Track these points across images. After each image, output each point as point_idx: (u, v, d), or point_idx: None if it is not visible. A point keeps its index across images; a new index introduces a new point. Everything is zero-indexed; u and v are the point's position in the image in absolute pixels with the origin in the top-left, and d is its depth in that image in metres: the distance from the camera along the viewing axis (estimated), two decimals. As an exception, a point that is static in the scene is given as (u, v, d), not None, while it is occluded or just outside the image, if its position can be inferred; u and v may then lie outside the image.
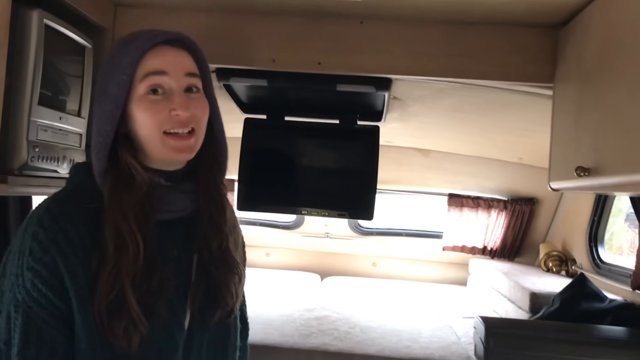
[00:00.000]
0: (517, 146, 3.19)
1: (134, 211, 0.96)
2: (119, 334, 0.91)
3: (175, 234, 1.05)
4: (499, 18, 1.73)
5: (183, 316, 1.04)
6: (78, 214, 0.95)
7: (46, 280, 0.90)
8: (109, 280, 0.92)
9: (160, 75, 0.98)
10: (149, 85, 0.98)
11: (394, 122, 2.76)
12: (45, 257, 0.90)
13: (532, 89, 1.91)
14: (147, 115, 0.98)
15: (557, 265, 3.44)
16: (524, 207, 3.90)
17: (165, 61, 0.99)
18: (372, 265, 4.50)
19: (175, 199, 1.05)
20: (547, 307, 2.41)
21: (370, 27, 1.80)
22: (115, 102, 0.98)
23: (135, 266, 0.94)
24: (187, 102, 0.99)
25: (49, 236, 0.91)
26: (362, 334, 2.38)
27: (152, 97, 0.98)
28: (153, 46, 0.99)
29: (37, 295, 0.89)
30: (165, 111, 0.98)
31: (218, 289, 1.07)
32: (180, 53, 1.02)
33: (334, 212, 2.37)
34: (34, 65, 1.37)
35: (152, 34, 1.00)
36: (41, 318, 0.89)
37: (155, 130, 0.98)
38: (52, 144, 1.50)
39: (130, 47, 0.99)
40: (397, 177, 3.84)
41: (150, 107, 0.98)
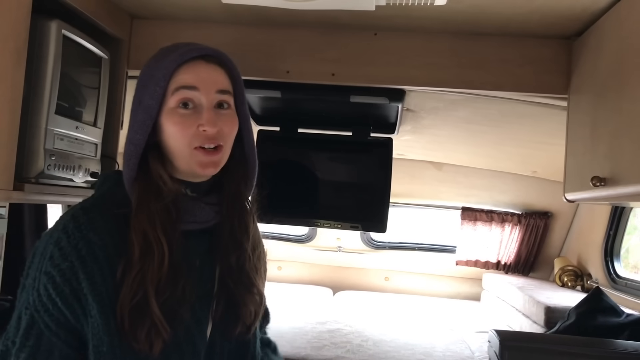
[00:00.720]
0: (531, 159, 3.17)
1: (161, 218, 0.97)
2: (142, 339, 0.92)
3: (198, 244, 1.06)
4: (512, 29, 1.74)
5: (205, 325, 1.04)
6: (104, 223, 0.96)
7: (58, 286, 0.90)
8: (133, 285, 0.92)
9: (191, 90, 0.99)
10: (179, 99, 0.99)
11: (407, 135, 2.76)
12: (63, 264, 0.91)
13: (546, 100, 1.91)
14: (176, 129, 0.99)
15: (572, 280, 3.39)
16: (538, 221, 3.86)
17: (197, 76, 0.99)
18: (384, 280, 4.48)
19: (200, 210, 1.05)
20: (562, 321, 2.37)
21: (383, 38, 1.81)
22: (148, 113, 0.99)
23: (159, 272, 0.94)
24: (215, 118, 0.99)
25: (71, 243, 0.92)
26: (375, 347, 2.36)
27: (182, 110, 0.99)
28: (187, 60, 1.00)
29: (46, 300, 0.90)
30: (194, 126, 0.99)
31: (238, 306, 1.07)
32: (214, 69, 1.02)
33: (347, 224, 2.36)
34: (51, 75, 1.40)
35: (188, 47, 1.01)
36: (44, 322, 0.90)
37: (185, 145, 0.99)
38: (68, 153, 1.51)
39: (166, 59, 1.00)
40: (410, 190, 3.83)
41: (180, 121, 0.99)
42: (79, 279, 0.91)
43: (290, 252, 4.53)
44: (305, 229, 4.46)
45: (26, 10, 1.30)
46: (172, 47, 1.04)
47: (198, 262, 1.04)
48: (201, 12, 1.79)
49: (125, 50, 1.83)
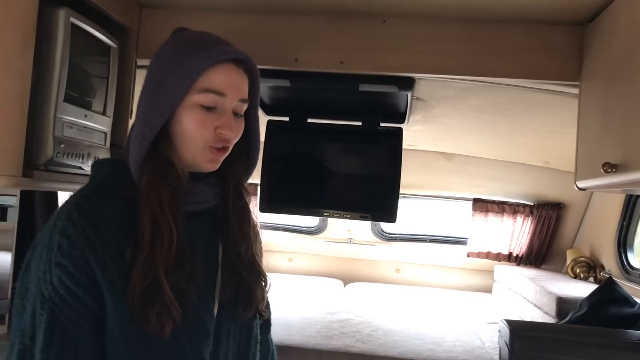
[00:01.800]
0: (543, 149, 3.14)
1: (169, 202, 0.98)
2: (153, 320, 0.92)
3: (200, 225, 1.07)
4: (523, 16, 1.71)
5: (212, 305, 1.05)
6: (107, 208, 0.96)
7: (73, 275, 0.90)
8: (143, 267, 0.92)
9: (219, 95, 1.00)
10: (207, 101, 1.00)
11: (417, 124, 2.74)
12: (73, 252, 0.90)
13: (558, 88, 1.88)
14: (195, 127, 1.00)
15: (584, 272, 3.37)
16: (550, 213, 3.83)
17: (228, 82, 1.00)
18: (395, 272, 4.47)
19: (200, 191, 1.06)
20: (574, 311, 2.36)
21: (392, 25, 1.80)
22: (171, 101, 0.99)
23: (169, 254, 0.95)
24: (233, 125, 1.02)
25: (77, 230, 0.91)
26: (385, 337, 2.35)
27: (204, 110, 1.00)
28: (222, 61, 1.00)
29: (63, 292, 0.89)
30: (212, 127, 1.00)
31: (250, 291, 1.10)
32: (242, 76, 1.04)
33: (357, 214, 2.35)
34: (60, 63, 1.40)
35: (224, 47, 1.01)
36: (66, 315, 0.89)
37: (200, 142, 1.01)
38: (77, 141, 1.51)
39: (200, 53, 0.99)
40: (421, 181, 3.81)
41: (201, 119, 1.00)
42: (91, 265, 0.91)
43: (301, 244, 4.53)
44: (316, 221, 4.46)
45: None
46: (205, 40, 1.03)
47: (201, 242, 1.06)
48: (209, 0, 1.78)
49: (134, 39, 1.83)
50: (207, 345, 1.02)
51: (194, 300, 0.98)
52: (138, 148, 1.00)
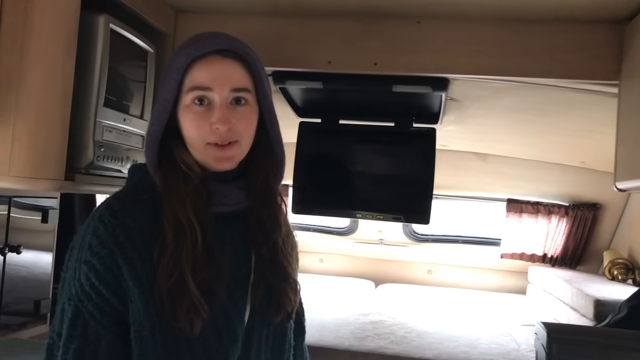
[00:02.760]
0: (579, 149, 3.08)
1: (191, 200, 0.98)
2: (182, 318, 0.93)
3: (232, 227, 1.07)
4: (560, 14, 1.69)
5: (243, 308, 1.05)
6: (138, 210, 0.98)
7: (99, 273, 0.92)
8: (168, 266, 0.94)
9: (204, 90, 0.99)
10: (193, 98, 1.00)
11: (451, 125, 2.72)
12: (102, 251, 0.92)
13: (596, 87, 1.85)
14: (191, 126, 1.00)
15: (623, 274, 3.30)
16: (586, 213, 3.76)
17: (211, 75, 0.99)
18: (427, 273, 4.44)
19: (229, 192, 1.06)
20: (613, 314, 2.31)
21: (427, 26, 1.79)
22: (164, 105, 1.02)
23: (194, 253, 0.96)
24: (228, 117, 0.99)
25: (108, 230, 0.93)
26: (419, 339, 2.34)
27: (196, 107, 1.00)
28: (202, 55, 1.00)
29: (88, 289, 0.92)
30: (208, 124, 0.99)
31: (278, 294, 1.08)
32: (231, 65, 1.02)
33: (389, 215, 2.35)
34: (100, 68, 1.43)
35: (203, 42, 1.01)
36: (89, 312, 0.92)
37: (199, 141, 1.01)
38: (117, 145, 1.55)
39: (182, 53, 1.01)
40: (454, 182, 3.78)
41: (195, 118, 1.00)
42: (118, 264, 0.93)
43: (331, 245, 4.53)
44: (347, 222, 4.46)
45: (76, 5, 1.34)
46: (192, 39, 1.04)
47: (232, 244, 1.05)
48: (243, 5, 1.80)
49: (170, 44, 1.86)
50: (234, 349, 1.01)
51: (222, 301, 0.99)
52: (147, 155, 1.04)
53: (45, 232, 1.97)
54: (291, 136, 2.36)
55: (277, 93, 2.22)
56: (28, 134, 1.24)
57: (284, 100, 2.31)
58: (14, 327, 1.81)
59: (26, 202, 1.86)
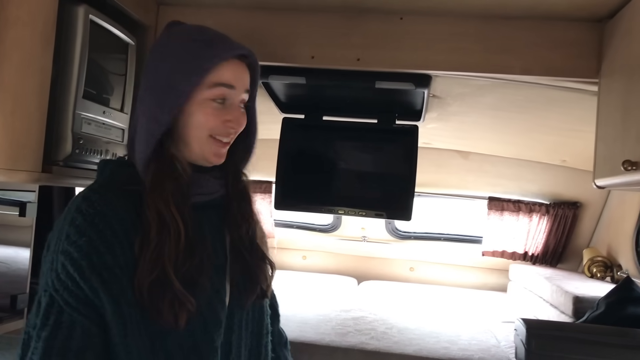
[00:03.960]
0: (560, 147, 3.11)
1: (174, 197, 1.00)
2: (165, 312, 0.94)
3: (208, 216, 1.10)
4: (541, 12, 1.70)
5: (224, 294, 1.08)
6: (117, 199, 0.99)
7: (75, 261, 0.91)
8: (151, 261, 0.95)
9: (229, 88, 1.04)
10: (217, 95, 1.04)
11: (433, 122, 2.73)
12: (80, 240, 0.92)
13: (576, 85, 1.87)
14: (206, 120, 1.04)
15: (601, 271, 3.34)
16: (567, 212, 3.80)
17: (236, 76, 1.05)
18: (409, 270, 4.45)
19: (205, 182, 1.10)
20: (591, 311, 2.34)
21: (410, 22, 1.79)
22: (182, 97, 1.02)
23: (177, 248, 0.97)
24: (242, 119, 1.08)
25: (87, 220, 0.94)
26: (400, 335, 2.35)
27: (215, 104, 1.04)
28: (230, 57, 1.04)
29: (64, 278, 0.91)
30: (221, 120, 1.05)
31: (254, 273, 1.14)
32: (245, 69, 1.09)
33: (372, 212, 2.34)
34: (79, 59, 1.41)
35: (229, 44, 1.06)
36: (64, 299, 0.91)
37: (205, 133, 1.05)
38: (96, 137, 1.53)
39: (208, 50, 1.03)
40: (436, 179, 3.79)
41: (212, 112, 1.04)
42: (99, 252, 0.92)
43: (315, 242, 4.54)
44: (330, 219, 4.46)
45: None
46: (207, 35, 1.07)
47: (210, 235, 1.09)
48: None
49: (152, 36, 1.84)
50: (219, 334, 1.04)
51: (206, 290, 1.01)
52: (145, 144, 1.02)
53: (23, 227, 1.94)
54: (274, 132, 2.35)
55: (260, 88, 2.21)
56: (3, 124, 1.22)
57: (267, 95, 2.30)
58: (-9, 322, 1.78)
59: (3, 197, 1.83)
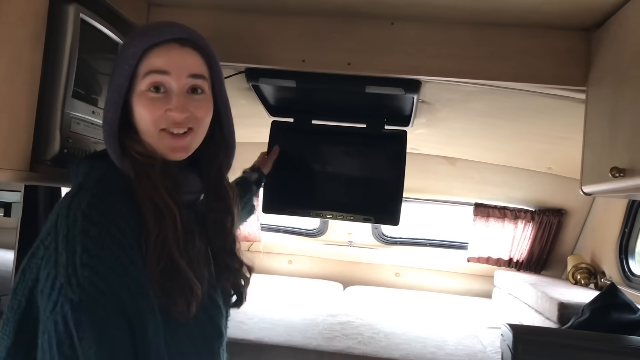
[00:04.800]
0: (546, 155, 3.14)
1: (163, 183, 0.98)
2: (178, 300, 0.93)
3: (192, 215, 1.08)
4: (530, 20, 1.72)
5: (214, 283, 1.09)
6: (120, 203, 0.95)
7: (103, 275, 0.87)
8: (156, 250, 0.93)
9: (162, 74, 0.99)
10: (150, 83, 0.99)
11: (422, 128, 2.74)
12: (102, 253, 0.88)
13: (564, 93, 1.89)
14: (144, 112, 1.00)
15: (585, 278, 3.37)
16: (551, 218, 3.83)
17: (169, 60, 0.99)
18: (395, 275, 4.46)
19: (193, 181, 1.09)
20: (576, 317, 2.35)
21: (401, 28, 1.80)
22: (117, 92, 1.00)
23: (177, 234, 0.96)
24: (185, 104, 1.00)
25: (102, 231, 0.89)
26: (387, 340, 2.35)
27: (152, 94, 1.00)
28: (160, 43, 1.00)
29: (94, 293, 0.86)
30: (162, 110, 0.99)
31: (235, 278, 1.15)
32: (188, 53, 1.03)
33: (360, 216, 2.34)
34: (69, 58, 1.39)
35: (161, 29, 1.01)
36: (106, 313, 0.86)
37: (152, 127, 1.00)
38: (85, 137, 1.51)
39: (137, 39, 1.00)
40: (423, 185, 3.81)
41: (149, 104, 0.99)
42: (123, 263, 0.90)
43: (301, 246, 4.53)
44: (317, 223, 4.46)
45: (45, -8, 1.30)
46: (148, 26, 1.05)
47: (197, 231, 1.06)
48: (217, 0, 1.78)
49: (142, 37, 1.83)
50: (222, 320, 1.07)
51: (205, 278, 1.01)
52: (108, 145, 1.02)
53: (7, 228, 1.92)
54: (262, 136, 2.34)
55: (250, 91, 2.20)
56: (-9, 123, 1.20)
57: (256, 98, 2.29)
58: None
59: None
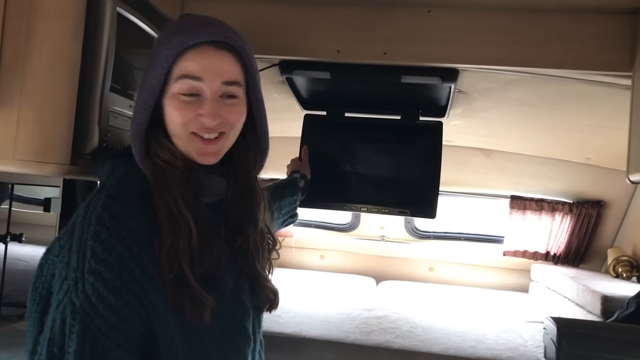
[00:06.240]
0: (585, 145, 3.05)
1: (180, 191, 0.97)
2: (187, 310, 0.91)
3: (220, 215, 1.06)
4: (573, 4, 1.67)
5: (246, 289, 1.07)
6: (136, 206, 0.94)
7: (107, 282, 0.86)
8: (168, 259, 0.92)
9: (195, 80, 0.97)
10: (184, 88, 0.98)
11: (457, 119, 2.69)
12: (109, 258, 0.87)
13: (608, 79, 1.83)
14: (176, 115, 0.98)
15: (627, 271, 3.28)
16: (590, 211, 3.73)
17: (203, 66, 0.98)
18: (428, 270, 4.41)
19: (218, 183, 1.07)
20: (621, 310, 2.29)
21: (437, 15, 1.76)
22: (150, 93, 0.99)
23: (190, 244, 0.94)
24: (217, 110, 0.99)
25: (113, 234, 0.88)
26: (425, 334, 2.32)
27: (184, 97, 0.98)
28: (195, 45, 0.97)
29: (95, 300, 0.86)
30: (194, 114, 0.98)
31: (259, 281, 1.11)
32: (224, 57, 1.00)
33: (395, 209, 2.31)
34: (106, 51, 1.39)
35: (196, 31, 0.98)
36: (96, 326, 0.86)
37: (182, 130, 0.99)
38: (123, 131, 1.51)
39: (173, 39, 0.98)
40: (458, 178, 3.75)
41: (181, 107, 0.98)
42: (129, 268, 0.88)
43: (332, 241, 4.51)
44: (348, 218, 4.43)
45: (82, -14, 1.30)
46: (183, 24, 1.01)
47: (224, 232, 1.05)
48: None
49: (177, 31, 1.82)
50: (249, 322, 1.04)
51: (227, 282, 0.99)
52: (134, 145, 1.00)
53: (46, 226, 1.95)
54: (294, 130, 2.33)
55: (283, 84, 2.19)
56: (33, 117, 1.21)
57: (289, 91, 2.28)
58: (13, 319, 1.78)
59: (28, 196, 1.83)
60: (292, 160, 2.07)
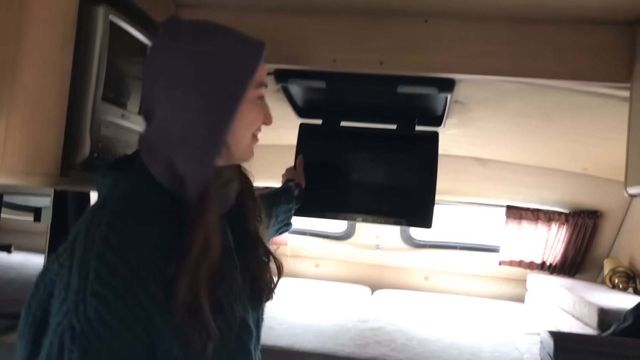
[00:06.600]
0: (582, 155, 3.04)
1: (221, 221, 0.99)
2: (194, 340, 0.87)
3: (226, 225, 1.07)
4: (570, 15, 1.66)
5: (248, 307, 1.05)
6: (142, 226, 0.89)
7: (111, 306, 0.82)
8: (187, 285, 0.87)
9: (264, 87, 1.06)
10: (261, 94, 1.04)
11: (453, 129, 2.68)
12: (114, 281, 0.83)
13: (606, 90, 1.82)
14: (257, 119, 1.05)
15: (624, 282, 3.26)
16: (586, 221, 3.72)
17: (265, 74, 1.06)
18: (424, 279, 4.39)
19: (229, 193, 1.08)
20: (618, 323, 2.27)
21: (434, 25, 1.75)
22: (236, 99, 0.96)
23: (209, 273, 0.91)
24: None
25: (117, 255, 0.84)
26: (421, 347, 2.29)
27: (260, 102, 1.05)
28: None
29: (97, 326, 0.81)
30: (262, 116, 1.07)
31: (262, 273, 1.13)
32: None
33: (391, 219, 2.29)
34: (98, 60, 1.37)
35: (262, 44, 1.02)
36: (97, 352, 0.81)
37: (251, 133, 1.05)
38: (115, 141, 1.49)
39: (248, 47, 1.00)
40: (453, 187, 3.73)
41: (259, 110, 1.05)
42: (134, 292, 0.84)
43: (327, 250, 4.48)
44: (344, 226, 4.41)
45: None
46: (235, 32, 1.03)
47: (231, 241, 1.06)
48: (246, 0, 1.75)
49: (170, 39, 1.80)
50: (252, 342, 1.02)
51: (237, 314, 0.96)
52: (201, 161, 0.93)
53: (37, 233, 1.91)
54: (289, 138, 2.31)
55: (278, 92, 2.17)
56: (22, 127, 1.18)
57: (284, 100, 2.26)
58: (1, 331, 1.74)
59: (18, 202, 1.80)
60: (287, 169, 2.06)
